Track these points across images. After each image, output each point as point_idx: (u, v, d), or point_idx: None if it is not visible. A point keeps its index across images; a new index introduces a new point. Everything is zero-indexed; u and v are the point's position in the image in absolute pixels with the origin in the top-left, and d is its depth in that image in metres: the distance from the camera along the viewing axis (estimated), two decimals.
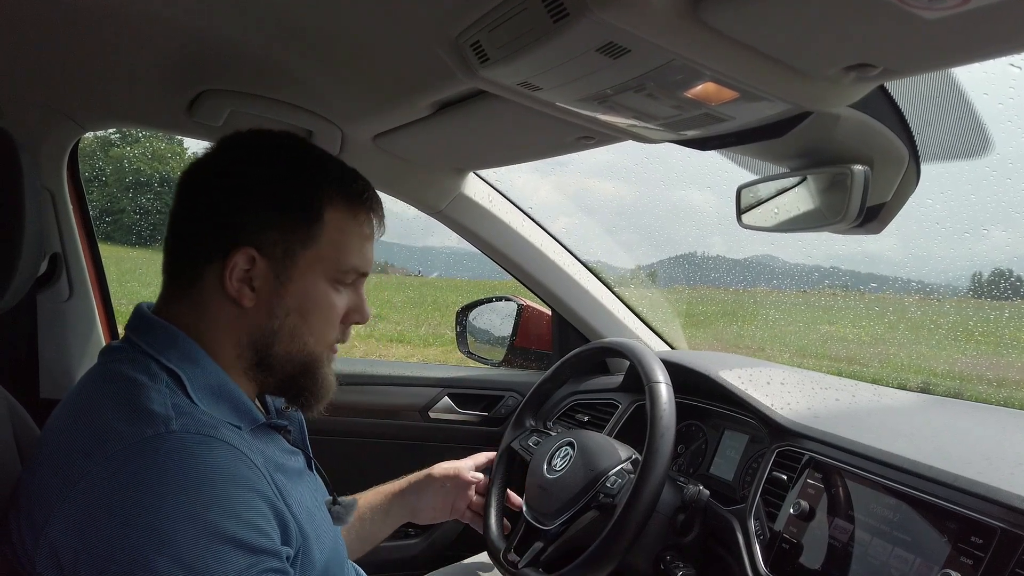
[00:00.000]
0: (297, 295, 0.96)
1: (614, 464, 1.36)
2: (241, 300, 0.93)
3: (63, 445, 0.82)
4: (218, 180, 0.96)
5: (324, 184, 0.97)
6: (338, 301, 1.00)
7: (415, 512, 1.47)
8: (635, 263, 5.78)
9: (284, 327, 0.96)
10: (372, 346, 10.40)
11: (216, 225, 0.94)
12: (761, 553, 1.22)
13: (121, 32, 1.20)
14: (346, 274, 1.00)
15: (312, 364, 1.00)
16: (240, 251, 0.92)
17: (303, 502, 0.95)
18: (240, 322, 0.95)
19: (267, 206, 0.94)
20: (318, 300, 0.98)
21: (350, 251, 0.99)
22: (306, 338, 0.98)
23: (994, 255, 2.55)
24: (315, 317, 0.98)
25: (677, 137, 1.16)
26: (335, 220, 0.97)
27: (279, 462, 0.96)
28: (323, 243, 0.96)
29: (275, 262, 0.94)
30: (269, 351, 0.97)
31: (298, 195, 0.96)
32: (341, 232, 0.98)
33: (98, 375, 0.91)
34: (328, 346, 1.02)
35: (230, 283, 0.93)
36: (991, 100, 1.21)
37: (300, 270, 0.96)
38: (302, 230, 0.95)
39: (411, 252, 17.58)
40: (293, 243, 0.95)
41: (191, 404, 0.86)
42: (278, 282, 0.95)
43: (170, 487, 0.75)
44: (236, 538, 0.75)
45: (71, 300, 1.83)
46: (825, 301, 4.64)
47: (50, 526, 0.76)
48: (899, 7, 0.64)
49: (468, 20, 0.92)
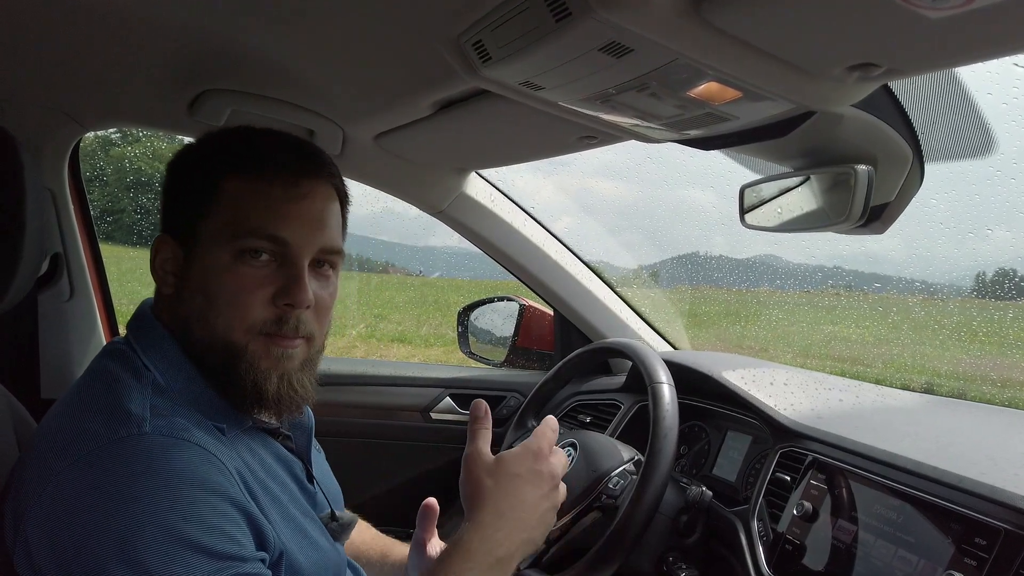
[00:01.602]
0: (201, 273, 0.90)
1: (616, 465, 1.35)
2: (163, 287, 0.95)
3: (46, 442, 0.82)
4: (166, 177, 1.00)
5: (221, 154, 0.95)
6: (249, 276, 0.89)
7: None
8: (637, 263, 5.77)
9: (193, 310, 0.91)
10: (373, 346, 10.40)
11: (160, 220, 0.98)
12: (764, 554, 1.22)
13: (122, 32, 1.20)
14: (249, 240, 0.89)
15: (231, 353, 0.90)
16: (159, 238, 0.95)
17: (288, 512, 0.93)
18: (171, 312, 0.94)
19: (173, 188, 0.97)
20: (220, 274, 0.89)
21: (249, 214, 0.89)
22: (214, 320, 0.89)
23: (998, 255, 2.55)
24: (221, 296, 0.89)
25: (680, 137, 1.16)
26: (232, 185, 0.91)
27: (268, 468, 0.94)
28: (221, 212, 0.90)
29: (183, 242, 0.93)
30: (189, 339, 0.91)
31: (194, 169, 0.96)
32: (238, 195, 0.91)
33: (92, 372, 0.91)
34: (250, 332, 0.90)
35: (155, 273, 0.95)
36: (995, 99, 1.20)
37: (202, 245, 0.91)
38: (199, 203, 0.92)
39: (412, 252, 17.58)
40: (193, 218, 0.92)
41: (171, 406, 0.85)
42: (185, 262, 0.93)
43: (135, 490, 0.74)
44: (199, 543, 0.74)
45: (72, 300, 1.83)
46: (828, 301, 4.63)
47: (25, 523, 0.76)
48: (903, 7, 0.64)
49: (470, 19, 0.92)
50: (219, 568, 0.75)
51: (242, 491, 0.82)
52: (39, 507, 0.76)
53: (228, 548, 0.76)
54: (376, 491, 2.06)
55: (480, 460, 1.02)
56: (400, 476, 2.10)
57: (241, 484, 0.83)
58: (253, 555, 0.80)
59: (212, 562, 0.74)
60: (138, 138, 8.88)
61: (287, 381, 0.93)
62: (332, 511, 1.06)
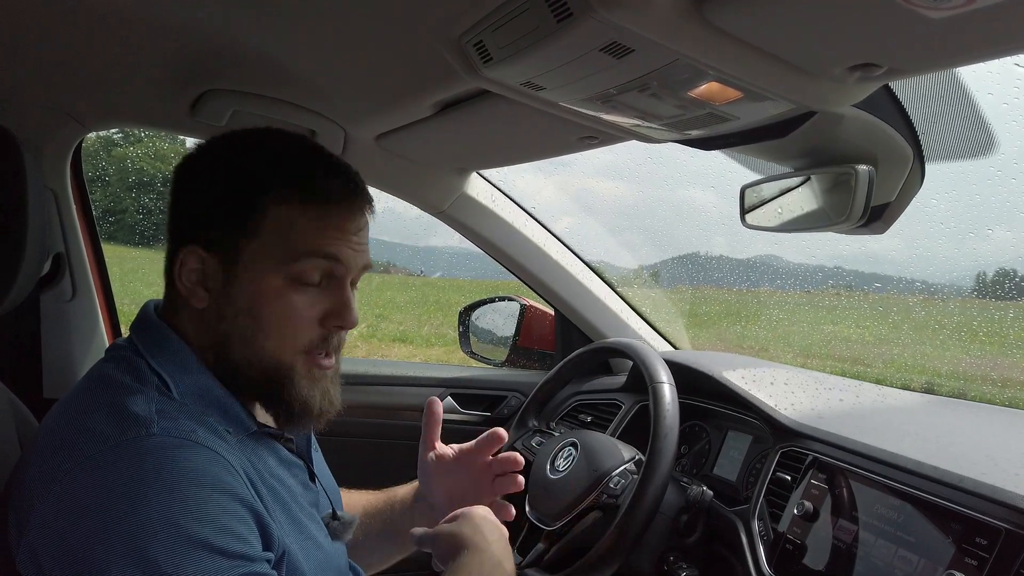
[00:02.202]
0: (246, 293, 0.90)
1: (617, 465, 1.35)
2: (192, 300, 0.92)
3: (50, 443, 0.82)
4: (181, 178, 0.96)
5: (269, 172, 0.92)
6: (299, 301, 0.91)
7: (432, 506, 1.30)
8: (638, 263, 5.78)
9: (235, 329, 0.91)
10: (375, 346, 10.41)
11: (173, 223, 0.94)
12: (765, 554, 1.22)
13: (124, 32, 1.20)
14: (301, 266, 0.91)
15: (278, 373, 0.92)
16: (186, 249, 0.91)
17: (292, 515, 0.93)
18: (200, 324, 0.93)
19: (211, 199, 0.92)
20: (270, 298, 0.90)
21: (301, 239, 0.90)
22: (262, 342, 0.91)
23: (998, 255, 2.55)
24: (270, 318, 0.90)
25: (681, 137, 1.16)
26: (280, 207, 0.90)
27: (272, 471, 0.95)
28: (268, 236, 0.90)
29: (223, 259, 0.91)
30: (228, 356, 0.92)
31: (236, 185, 0.91)
32: (288, 219, 0.90)
33: (94, 374, 0.91)
34: (298, 352, 0.93)
35: (180, 283, 0.91)
36: (995, 99, 1.21)
37: (246, 265, 0.90)
38: (243, 223, 0.90)
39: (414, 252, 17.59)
40: (237, 236, 0.90)
41: (178, 407, 0.85)
42: (227, 280, 0.91)
43: (144, 490, 0.74)
44: (209, 542, 0.74)
45: (74, 300, 1.83)
46: (829, 301, 4.63)
47: (30, 524, 0.76)
48: (904, 7, 0.64)
49: (471, 20, 0.92)
50: (230, 567, 0.75)
51: (250, 491, 0.83)
52: (45, 508, 0.76)
53: (238, 547, 0.77)
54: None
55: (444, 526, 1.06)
56: (402, 476, 2.09)
57: (248, 484, 0.83)
58: (261, 555, 0.80)
59: (223, 561, 0.74)
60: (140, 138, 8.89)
61: (327, 397, 0.98)
62: (334, 510, 1.07)
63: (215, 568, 0.73)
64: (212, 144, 0.97)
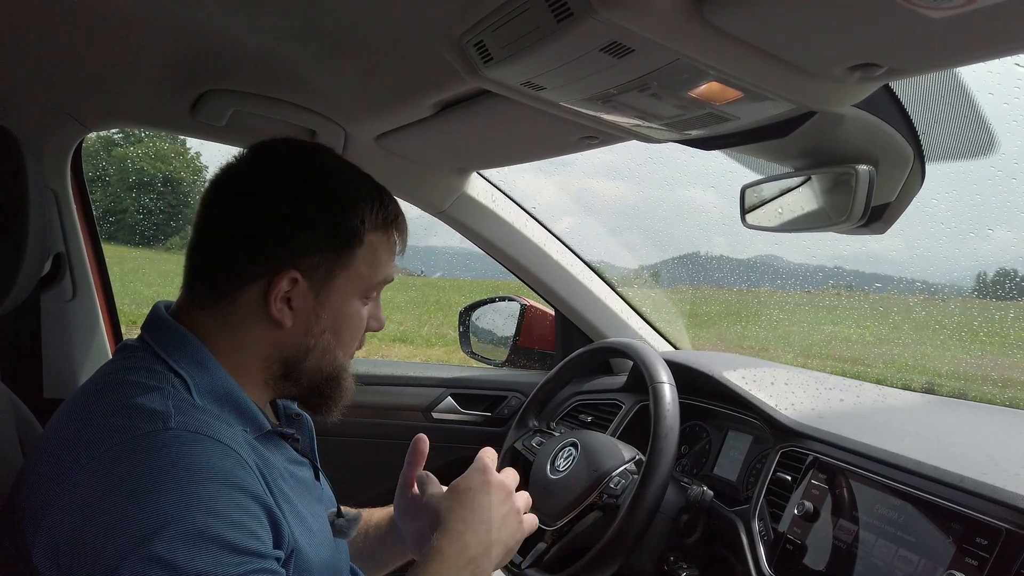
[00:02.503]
0: (333, 314, 0.98)
1: (618, 465, 1.36)
2: (283, 322, 0.94)
3: (64, 439, 0.82)
4: (259, 200, 0.94)
5: (362, 206, 0.97)
6: (365, 314, 1.03)
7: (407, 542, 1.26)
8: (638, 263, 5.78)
9: (319, 344, 0.98)
10: (375, 346, 10.41)
11: (260, 248, 0.93)
12: (765, 554, 1.22)
13: (124, 32, 1.20)
14: (376, 289, 1.03)
15: (338, 374, 1.02)
16: (285, 274, 0.92)
17: (301, 513, 0.94)
18: (274, 339, 0.96)
19: (311, 230, 0.94)
20: (351, 317, 1.00)
21: (382, 268, 1.01)
22: (336, 352, 1.00)
23: (999, 255, 2.55)
24: (346, 333, 1.00)
25: (681, 137, 1.16)
26: (371, 241, 0.98)
27: (283, 470, 0.95)
28: (359, 263, 0.98)
29: (315, 283, 0.95)
30: (300, 366, 0.98)
31: (340, 219, 0.96)
32: (375, 252, 0.99)
33: (107, 373, 0.91)
34: (352, 356, 1.05)
35: (274, 306, 0.93)
36: (996, 99, 1.21)
37: (337, 290, 0.97)
38: (344, 253, 0.96)
39: (414, 252, 17.58)
40: (334, 265, 0.96)
41: (194, 404, 0.86)
42: (317, 302, 0.96)
43: (160, 484, 0.75)
44: (224, 538, 0.75)
45: (75, 300, 1.83)
46: (829, 301, 4.63)
47: (47, 518, 0.77)
48: (904, 7, 0.64)
49: (472, 20, 0.92)
50: (243, 562, 0.75)
51: (263, 488, 0.83)
52: (63, 503, 0.76)
53: (251, 544, 0.77)
54: (378, 491, 2.06)
55: (432, 494, 1.10)
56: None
57: (262, 482, 0.84)
58: (271, 552, 0.81)
59: (236, 557, 0.75)
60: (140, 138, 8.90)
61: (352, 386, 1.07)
62: (338, 508, 1.09)
63: (227, 563, 0.74)
64: (293, 165, 0.97)
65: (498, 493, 1.06)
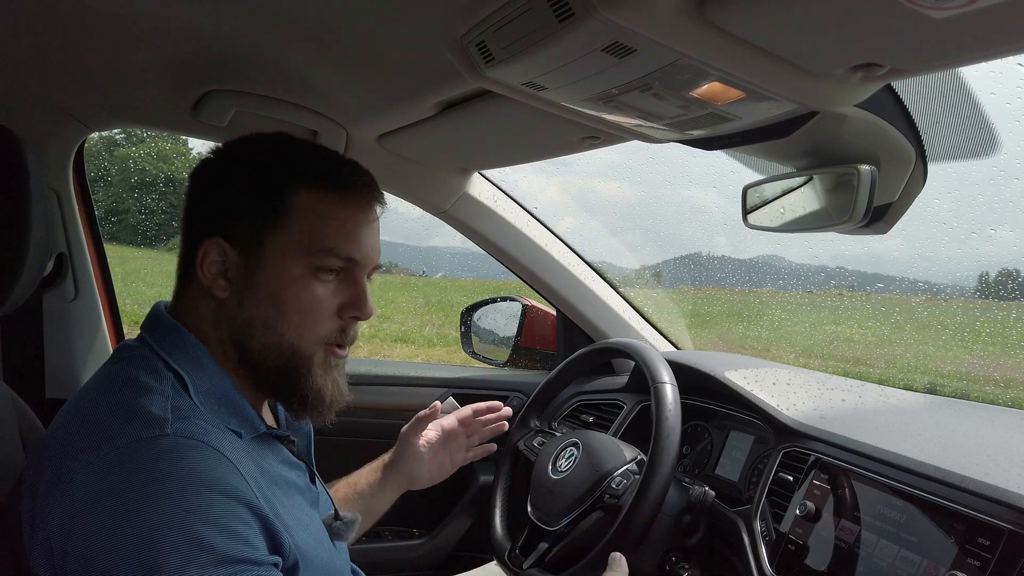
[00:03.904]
0: (269, 283, 0.93)
1: (619, 465, 1.36)
2: (214, 290, 0.93)
3: (64, 442, 0.83)
4: (200, 179, 0.98)
5: (292, 166, 0.95)
6: (321, 291, 0.95)
7: (414, 480, 1.43)
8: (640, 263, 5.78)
9: (258, 317, 0.93)
10: (376, 346, 10.41)
11: (192, 220, 0.96)
12: (767, 554, 1.22)
13: (127, 33, 1.20)
14: (324, 258, 0.94)
15: (296, 361, 0.95)
16: (209, 241, 0.93)
17: (298, 517, 0.94)
18: (219, 315, 0.95)
19: (233, 194, 0.95)
20: (292, 287, 0.93)
21: (326, 232, 0.94)
22: (283, 330, 0.94)
23: (1001, 255, 2.55)
24: (291, 307, 0.93)
25: (683, 137, 1.16)
26: (306, 201, 0.94)
27: (278, 473, 0.95)
28: (293, 226, 0.93)
29: (246, 250, 0.93)
30: (247, 345, 0.94)
31: (263, 179, 0.95)
32: (314, 213, 0.94)
33: (108, 373, 0.92)
34: (318, 342, 0.96)
35: (202, 273, 0.93)
36: (998, 99, 1.20)
37: (271, 256, 0.93)
38: (268, 214, 0.93)
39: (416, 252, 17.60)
40: (262, 229, 0.93)
41: (192, 407, 0.86)
42: (249, 270, 0.93)
43: (155, 491, 0.75)
44: (215, 546, 0.74)
45: (77, 300, 1.84)
46: (831, 301, 4.63)
47: (45, 522, 0.77)
48: (907, 6, 0.64)
49: (473, 20, 0.92)
50: (233, 572, 0.75)
51: (257, 496, 0.83)
52: (59, 506, 0.76)
53: (242, 552, 0.77)
54: None
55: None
56: None
57: (256, 489, 0.84)
58: (266, 559, 0.81)
59: (226, 566, 0.75)
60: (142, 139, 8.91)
61: (337, 387, 1.01)
62: (336, 511, 1.07)
63: (219, 573, 0.74)
64: (231, 146, 0.99)
65: None
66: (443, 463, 1.46)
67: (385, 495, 1.41)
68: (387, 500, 1.41)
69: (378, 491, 1.40)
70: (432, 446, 1.44)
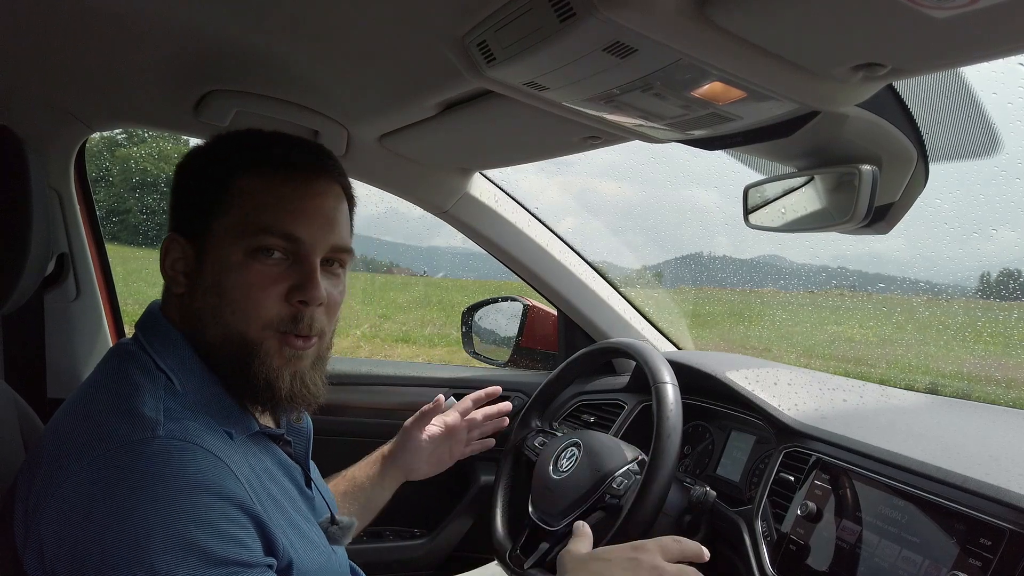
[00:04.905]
0: (214, 270, 0.91)
1: (620, 465, 1.35)
2: (174, 286, 0.95)
3: (58, 443, 0.82)
4: (173, 181, 1.00)
5: (233, 153, 0.96)
6: (262, 273, 0.91)
7: (412, 472, 1.46)
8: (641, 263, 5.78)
9: (206, 308, 0.91)
10: (377, 346, 10.40)
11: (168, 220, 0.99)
12: (768, 554, 1.22)
13: (128, 33, 1.20)
14: (262, 237, 0.90)
15: (244, 349, 0.91)
16: (168, 238, 0.95)
17: (293, 518, 0.93)
18: (182, 312, 0.95)
19: (184, 189, 0.98)
20: (232, 272, 0.90)
21: (263, 211, 0.91)
22: (228, 317, 0.90)
23: (1003, 255, 2.55)
24: (234, 291, 0.90)
25: (684, 137, 1.16)
26: (245, 184, 0.92)
27: (272, 474, 0.95)
28: (233, 210, 0.92)
29: (194, 240, 0.94)
30: (203, 338, 0.92)
31: (205, 169, 0.96)
32: (252, 194, 0.92)
33: (101, 373, 0.92)
34: (265, 328, 0.91)
35: (164, 269, 0.95)
36: (1000, 99, 1.20)
37: (215, 242, 0.92)
38: (213, 204, 0.93)
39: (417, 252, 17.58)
40: (207, 216, 0.93)
41: (184, 409, 0.86)
42: (197, 260, 0.93)
43: (147, 494, 0.74)
44: (207, 548, 0.74)
45: (78, 300, 1.84)
46: (832, 301, 4.62)
47: (37, 522, 0.77)
48: (908, 6, 0.64)
49: (474, 20, 0.92)
50: (225, 574, 0.75)
51: (251, 496, 0.83)
52: (51, 507, 0.76)
53: (235, 553, 0.77)
54: None
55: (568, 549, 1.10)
56: None
57: (249, 490, 0.84)
58: (259, 561, 0.80)
59: (218, 568, 0.75)
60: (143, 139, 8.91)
61: (300, 379, 0.96)
62: (332, 515, 1.07)
63: (211, 574, 0.74)
64: (195, 147, 1.02)
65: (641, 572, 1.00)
66: (442, 457, 1.49)
67: (384, 487, 1.43)
68: (387, 492, 1.43)
69: (377, 484, 1.42)
70: (434, 440, 1.47)
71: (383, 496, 1.43)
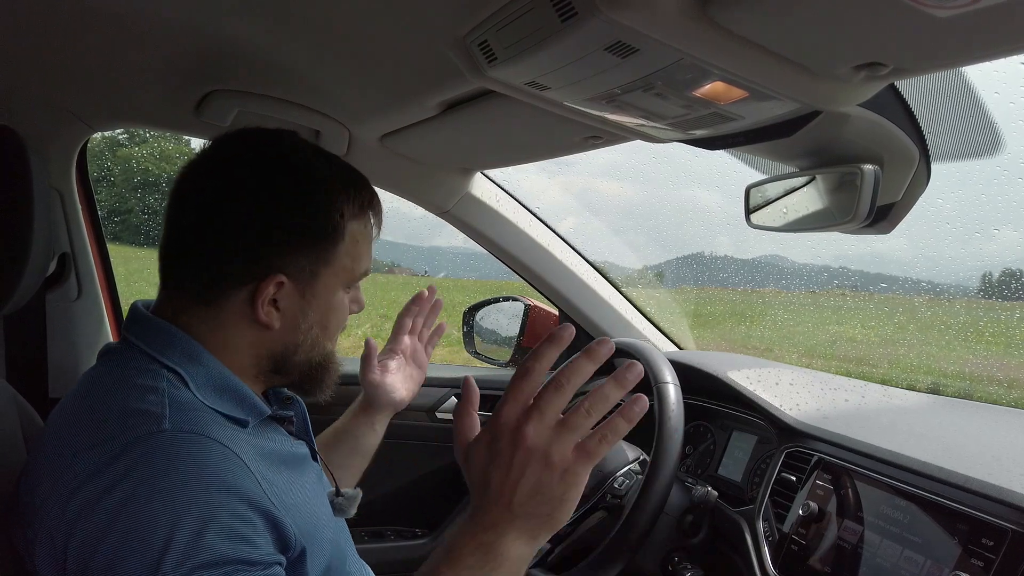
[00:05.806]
0: (320, 309, 0.98)
1: (622, 465, 1.36)
2: (270, 324, 0.94)
3: (61, 442, 0.82)
4: (234, 203, 0.92)
5: (340, 199, 0.96)
6: (347, 301, 1.04)
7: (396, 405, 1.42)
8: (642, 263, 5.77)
9: (307, 339, 0.99)
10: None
11: (242, 254, 0.91)
12: (770, 554, 1.22)
13: (129, 32, 1.20)
14: (359, 279, 1.03)
15: (327, 361, 1.04)
16: (271, 280, 0.91)
17: (304, 496, 0.94)
18: (263, 339, 0.96)
19: (294, 232, 0.93)
20: (336, 309, 1.01)
21: (362, 258, 1.01)
22: (324, 343, 1.01)
23: (1005, 255, 2.54)
24: (333, 324, 1.01)
25: (685, 137, 1.16)
26: (352, 232, 0.98)
27: (282, 452, 0.95)
28: (342, 257, 0.98)
29: (301, 283, 0.95)
30: (290, 360, 0.99)
31: (321, 217, 0.95)
32: (356, 242, 1.00)
33: (97, 375, 0.91)
34: (336, 340, 1.06)
35: (261, 311, 0.92)
36: (1002, 99, 1.20)
37: (323, 286, 0.97)
38: (327, 250, 0.96)
39: (418, 252, 17.60)
40: (318, 264, 0.96)
41: (191, 400, 0.86)
42: (304, 301, 0.96)
43: (154, 488, 0.74)
44: (213, 544, 0.74)
45: (80, 300, 1.84)
46: (834, 301, 4.62)
47: (47, 522, 0.77)
48: (910, 5, 0.64)
49: (476, 19, 0.91)
50: (231, 572, 0.75)
51: (261, 486, 0.83)
52: (60, 506, 0.76)
53: (241, 551, 0.77)
54: (382, 490, 2.06)
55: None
56: (406, 475, 2.10)
57: (260, 479, 0.83)
58: (266, 559, 0.80)
59: (224, 565, 0.74)
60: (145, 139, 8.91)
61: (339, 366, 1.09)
62: (336, 487, 1.08)
63: (216, 571, 0.74)
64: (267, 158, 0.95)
65: (504, 458, 0.81)
66: (412, 373, 1.47)
67: (375, 429, 1.42)
68: (378, 435, 1.43)
69: (365, 425, 1.42)
70: (393, 369, 1.45)
71: (374, 436, 1.42)
